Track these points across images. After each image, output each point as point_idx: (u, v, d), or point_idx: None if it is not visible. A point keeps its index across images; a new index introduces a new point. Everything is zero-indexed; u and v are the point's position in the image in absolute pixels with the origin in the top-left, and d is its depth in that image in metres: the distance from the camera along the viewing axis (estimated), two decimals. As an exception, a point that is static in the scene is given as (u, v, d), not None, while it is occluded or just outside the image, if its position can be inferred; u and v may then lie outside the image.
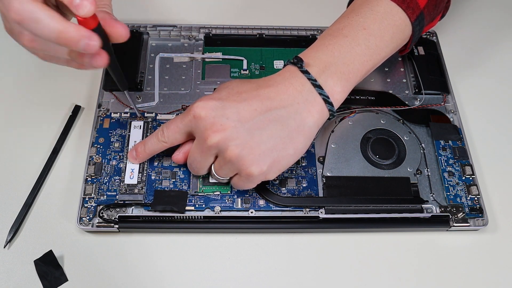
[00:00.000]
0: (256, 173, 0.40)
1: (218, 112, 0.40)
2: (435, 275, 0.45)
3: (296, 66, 0.42)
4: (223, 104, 0.40)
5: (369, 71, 0.45)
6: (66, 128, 0.51)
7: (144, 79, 0.54)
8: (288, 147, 0.41)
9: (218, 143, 0.40)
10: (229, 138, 0.40)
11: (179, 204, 0.45)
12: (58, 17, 0.35)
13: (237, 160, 0.40)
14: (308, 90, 0.42)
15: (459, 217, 0.46)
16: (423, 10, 0.46)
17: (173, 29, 0.57)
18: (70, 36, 0.35)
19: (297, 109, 0.41)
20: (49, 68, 0.55)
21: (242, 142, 0.40)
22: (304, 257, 0.46)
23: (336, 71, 0.42)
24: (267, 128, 0.40)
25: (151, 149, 0.45)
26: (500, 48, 0.60)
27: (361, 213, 0.46)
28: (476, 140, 0.53)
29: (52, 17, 0.35)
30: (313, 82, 0.42)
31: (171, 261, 0.45)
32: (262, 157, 0.40)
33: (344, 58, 0.43)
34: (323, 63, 0.43)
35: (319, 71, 0.42)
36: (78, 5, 0.34)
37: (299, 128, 0.41)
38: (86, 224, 0.45)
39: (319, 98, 0.42)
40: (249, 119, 0.40)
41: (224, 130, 0.40)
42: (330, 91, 0.42)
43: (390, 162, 0.49)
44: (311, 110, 0.41)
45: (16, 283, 0.43)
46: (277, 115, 0.41)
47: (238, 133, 0.40)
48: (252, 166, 0.40)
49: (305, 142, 0.42)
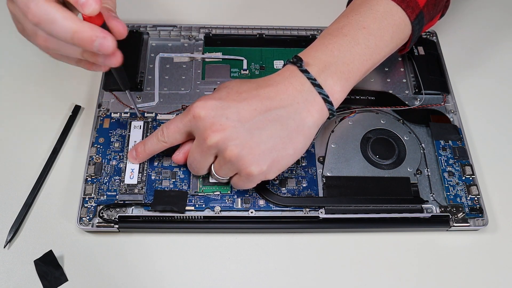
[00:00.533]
0: (255, 173, 0.40)
1: (217, 112, 0.40)
2: (435, 275, 0.45)
3: (296, 66, 0.42)
4: (222, 104, 0.40)
5: (368, 70, 0.45)
6: (66, 128, 0.51)
7: (144, 79, 0.54)
8: (287, 147, 0.41)
9: (218, 143, 0.40)
10: (229, 138, 0.40)
11: (179, 204, 0.45)
12: (73, 17, 0.35)
13: (237, 160, 0.40)
14: (307, 90, 0.42)
15: (459, 217, 0.46)
16: (423, 9, 0.46)
17: (173, 29, 0.57)
18: (84, 36, 0.35)
19: (296, 108, 0.41)
20: (49, 68, 0.55)
21: (241, 142, 0.40)
22: (304, 257, 0.46)
23: (335, 70, 0.42)
24: (267, 128, 0.40)
25: (151, 149, 0.45)
26: (500, 48, 0.60)
27: (361, 213, 0.46)
28: (476, 140, 0.53)
29: (66, 18, 0.35)
30: (312, 81, 0.42)
31: (171, 261, 0.45)
32: (262, 157, 0.40)
33: (343, 58, 0.43)
34: (322, 63, 0.43)
35: (318, 70, 0.42)
36: (83, 4, 0.34)
37: (298, 128, 0.41)
38: (86, 224, 0.45)
39: (318, 97, 0.42)
40: (249, 119, 0.40)
41: (223, 130, 0.40)
42: (329, 90, 0.42)
43: (390, 162, 0.49)
44: (311, 109, 0.41)
45: (16, 283, 0.43)
46: (276, 115, 0.41)
47: (237, 133, 0.40)
48: (252, 166, 0.40)
49: (304, 142, 0.42)
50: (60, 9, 0.35)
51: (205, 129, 0.40)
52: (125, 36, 0.39)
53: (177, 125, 0.43)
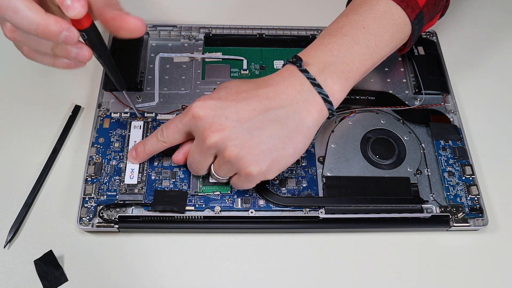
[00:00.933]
0: (255, 173, 0.40)
1: (217, 112, 0.40)
2: (435, 275, 0.45)
3: (295, 65, 0.42)
4: (222, 104, 0.40)
5: (368, 70, 0.45)
6: (66, 128, 0.51)
7: (144, 79, 0.54)
8: (287, 147, 0.41)
9: (217, 143, 0.40)
10: (228, 138, 0.39)
11: (179, 204, 0.45)
12: (37, 8, 0.34)
13: (236, 160, 0.40)
14: (307, 90, 0.42)
15: (459, 217, 0.46)
16: (423, 9, 0.46)
17: (173, 29, 0.57)
18: (50, 29, 0.34)
19: (296, 108, 0.41)
20: (49, 68, 0.55)
21: (241, 142, 0.40)
22: (304, 257, 0.46)
23: (335, 70, 0.42)
24: (266, 128, 0.40)
25: (150, 149, 0.45)
26: (500, 48, 0.60)
27: (361, 213, 0.46)
28: (476, 140, 0.53)
29: (31, 9, 0.34)
30: (312, 81, 0.42)
31: (171, 261, 0.45)
32: (261, 157, 0.40)
33: (343, 57, 0.43)
34: (322, 62, 0.43)
35: (318, 70, 0.42)
36: (68, 7, 0.34)
37: (298, 128, 0.41)
38: (86, 224, 0.45)
39: (318, 97, 0.42)
40: (248, 119, 0.40)
41: (223, 130, 0.39)
42: (329, 90, 0.42)
43: (390, 162, 0.49)
44: (310, 109, 0.41)
45: (16, 283, 0.43)
46: (276, 115, 0.41)
47: (237, 133, 0.40)
48: (251, 166, 0.40)
49: (304, 142, 0.42)
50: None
51: (204, 129, 0.40)
52: (145, 31, 0.38)
53: (176, 125, 0.43)
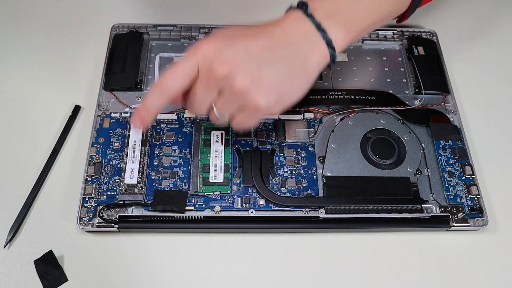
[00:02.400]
0: (263, 106, 0.40)
1: (226, 45, 0.40)
2: (435, 275, 0.45)
3: (301, 10, 0.43)
4: (230, 41, 0.40)
5: (369, 26, 0.45)
6: (66, 128, 0.51)
7: (144, 79, 0.54)
8: (293, 84, 0.41)
9: (227, 75, 0.39)
10: (238, 70, 0.39)
11: (179, 204, 0.45)
12: None
13: (246, 92, 0.39)
14: (311, 33, 0.42)
15: (459, 217, 0.46)
16: None
17: (173, 29, 0.57)
18: None
19: (302, 49, 0.41)
20: (49, 68, 0.55)
21: (251, 74, 0.39)
22: (304, 257, 0.46)
23: (340, 19, 0.43)
24: (274, 64, 0.40)
25: (154, 106, 0.42)
26: (500, 49, 0.60)
27: (361, 213, 0.46)
28: (476, 140, 0.53)
29: None
30: (317, 26, 0.42)
31: (171, 261, 0.45)
32: (270, 91, 0.40)
33: (348, 8, 0.43)
34: (327, 10, 0.43)
35: (323, 16, 0.42)
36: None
37: (303, 67, 0.41)
38: (86, 224, 0.45)
39: (322, 42, 0.42)
40: (257, 54, 0.40)
41: (232, 62, 0.39)
42: (333, 36, 0.42)
43: (390, 162, 0.49)
44: (315, 51, 0.42)
45: (16, 283, 0.43)
46: (283, 53, 0.41)
47: (246, 66, 0.39)
48: (261, 98, 0.40)
49: (307, 82, 0.42)
50: None
51: (213, 62, 0.39)
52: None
53: (182, 70, 0.41)
